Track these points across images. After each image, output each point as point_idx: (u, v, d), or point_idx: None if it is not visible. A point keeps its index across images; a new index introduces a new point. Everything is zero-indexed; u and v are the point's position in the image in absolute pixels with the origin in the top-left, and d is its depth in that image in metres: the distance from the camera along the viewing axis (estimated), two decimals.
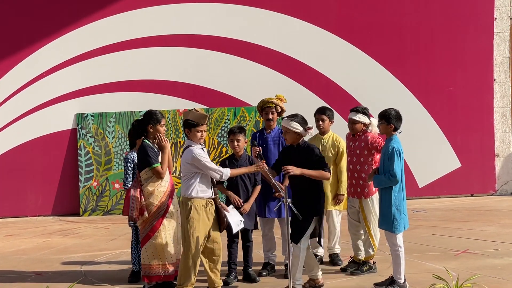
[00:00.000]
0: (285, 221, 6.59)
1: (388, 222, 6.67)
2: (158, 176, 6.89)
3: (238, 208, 7.15)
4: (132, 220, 7.27)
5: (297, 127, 6.65)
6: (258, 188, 7.36)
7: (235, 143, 7.28)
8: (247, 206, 7.23)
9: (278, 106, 7.67)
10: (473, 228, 9.97)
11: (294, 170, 6.51)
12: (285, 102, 7.76)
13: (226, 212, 6.79)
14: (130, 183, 7.42)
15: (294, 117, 6.72)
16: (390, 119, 6.81)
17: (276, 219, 7.66)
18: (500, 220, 10.62)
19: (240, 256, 7.50)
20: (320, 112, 7.91)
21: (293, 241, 6.63)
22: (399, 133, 6.95)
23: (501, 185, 13.40)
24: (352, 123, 7.56)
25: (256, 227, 7.47)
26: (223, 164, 7.27)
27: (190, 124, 6.62)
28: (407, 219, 6.81)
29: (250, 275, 7.34)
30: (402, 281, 6.69)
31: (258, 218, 7.64)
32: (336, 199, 7.81)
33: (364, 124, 7.58)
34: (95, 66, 12.86)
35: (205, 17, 12.99)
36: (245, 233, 7.37)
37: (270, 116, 7.67)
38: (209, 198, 6.66)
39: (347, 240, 7.90)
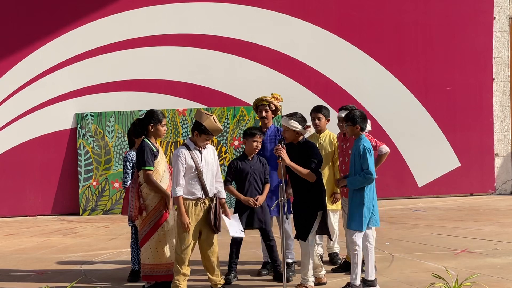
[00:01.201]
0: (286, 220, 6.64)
1: (357, 220, 6.63)
2: (147, 179, 6.83)
3: (252, 207, 7.17)
4: (132, 220, 7.28)
5: (295, 125, 6.71)
6: (268, 185, 7.38)
7: (259, 144, 7.31)
8: (261, 198, 7.23)
9: (271, 104, 7.69)
10: (472, 227, 9.98)
11: (285, 157, 6.57)
12: (280, 101, 7.78)
13: (226, 219, 6.82)
14: (130, 182, 7.42)
15: (293, 115, 6.78)
16: (355, 120, 6.78)
17: (275, 217, 7.67)
18: (499, 219, 10.62)
19: (242, 256, 7.52)
20: (316, 111, 7.93)
21: (301, 239, 6.68)
22: (367, 132, 7.01)
23: (500, 184, 13.41)
24: (341, 121, 7.56)
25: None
26: (234, 164, 7.30)
27: (202, 130, 6.65)
28: (376, 218, 6.79)
29: (281, 275, 7.08)
30: (358, 283, 6.62)
31: None
32: (333, 198, 7.81)
33: None
34: (94, 65, 12.86)
35: (204, 17, 12.99)
36: (266, 232, 7.36)
37: (264, 114, 7.70)
38: (200, 198, 6.68)
39: None
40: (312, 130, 6.85)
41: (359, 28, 13.08)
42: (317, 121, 7.87)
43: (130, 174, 7.48)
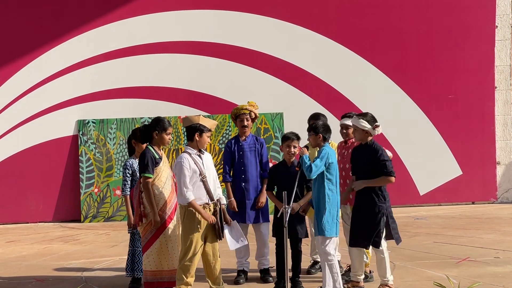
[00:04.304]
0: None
1: (320, 227, 6.56)
2: (145, 186, 6.81)
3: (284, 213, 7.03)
4: (131, 227, 7.30)
5: (365, 125, 6.78)
6: (310, 193, 7.16)
7: (291, 149, 7.15)
8: (295, 206, 6.99)
9: (252, 113, 7.77)
10: (474, 235, 9.96)
11: (357, 186, 6.67)
12: (257, 109, 7.85)
13: (226, 227, 6.81)
14: (129, 190, 7.43)
15: (363, 115, 6.88)
16: (317, 129, 6.73)
17: (250, 225, 7.68)
18: (501, 227, 10.61)
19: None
20: (314, 118, 7.93)
21: (374, 246, 6.68)
22: (329, 143, 7.03)
23: (502, 192, 13.39)
24: (345, 128, 7.57)
25: (307, 236, 7.28)
26: (273, 171, 7.25)
27: (202, 130, 6.70)
28: (338, 227, 6.70)
29: (297, 285, 7.13)
30: None
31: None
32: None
33: None
34: (96, 72, 12.89)
35: (206, 24, 13.02)
36: (295, 242, 7.26)
37: (245, 123, 7.78)
38: (205, 204, 6.67)
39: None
40: (380, 130, 6.85)
41: (361, 36, 13.11)
42: None
43: (129, 182, 7.48)
